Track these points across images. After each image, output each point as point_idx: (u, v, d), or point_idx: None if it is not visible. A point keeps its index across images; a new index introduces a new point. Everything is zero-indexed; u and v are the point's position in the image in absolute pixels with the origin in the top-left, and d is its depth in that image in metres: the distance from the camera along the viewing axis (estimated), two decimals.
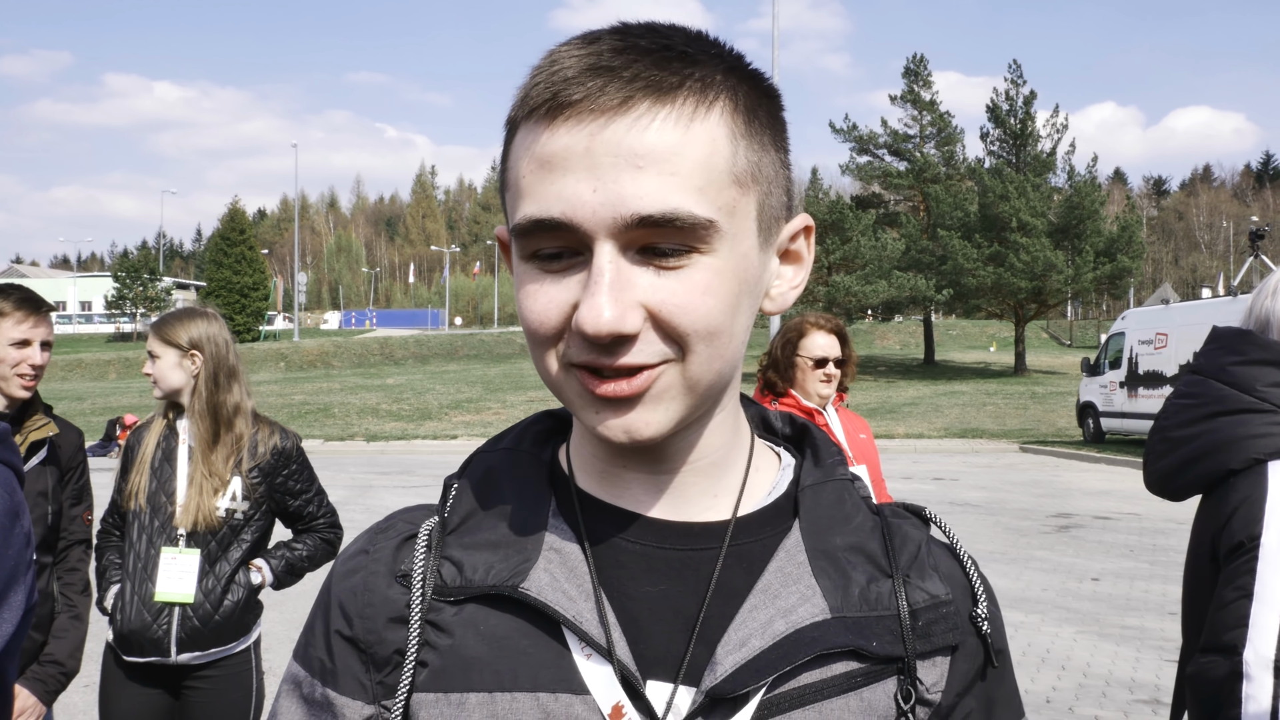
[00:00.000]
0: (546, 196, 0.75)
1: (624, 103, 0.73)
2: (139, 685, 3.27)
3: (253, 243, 74.03)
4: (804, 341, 4.09)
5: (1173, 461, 2.06)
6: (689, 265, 0.75)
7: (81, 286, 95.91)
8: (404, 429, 28.30)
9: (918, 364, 49.77)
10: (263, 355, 55.44)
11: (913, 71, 50.82)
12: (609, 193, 0.73)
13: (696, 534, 0.86)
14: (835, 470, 0.92)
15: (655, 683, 0.82)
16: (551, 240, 0.76)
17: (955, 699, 0.88)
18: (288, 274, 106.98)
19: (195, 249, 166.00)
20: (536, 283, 0.78)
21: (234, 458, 3.29)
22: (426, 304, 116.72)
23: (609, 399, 0.77)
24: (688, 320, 0.75)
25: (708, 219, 0.74)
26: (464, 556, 0.86)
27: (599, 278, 0.73)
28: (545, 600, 0.82)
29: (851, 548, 0.87)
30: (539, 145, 0.75)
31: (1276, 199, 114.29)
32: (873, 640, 0.83)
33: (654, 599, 0.84)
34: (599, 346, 0.75)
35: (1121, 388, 22.79)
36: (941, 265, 44.03)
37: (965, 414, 29.83)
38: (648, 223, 0.73)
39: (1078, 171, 47.35)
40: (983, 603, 0.90)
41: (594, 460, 0.88)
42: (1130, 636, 7.50)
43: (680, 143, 0.74)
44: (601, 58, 0.75)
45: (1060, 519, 13.28)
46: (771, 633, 0.82)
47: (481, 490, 0.90)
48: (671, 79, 0.75)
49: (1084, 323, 73.65)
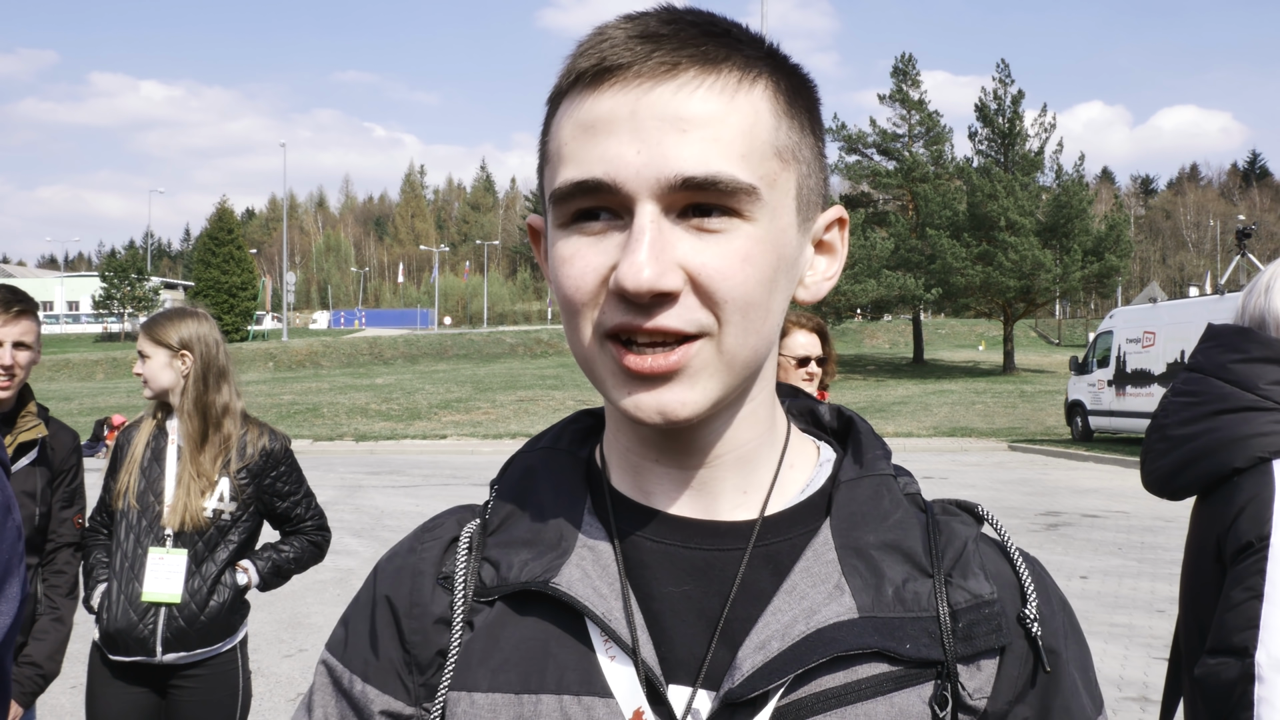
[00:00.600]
0: (589, 159, 0.74)
1: (671, 69, 0.74)
2: (125, 684, 3.26)
3: (241, 242, 73.76)
4: (785, 340, 4.09)
5: (1173, 460, 2.01)
6: (730, 231, 0.75)
7: (69, 286, 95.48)
8: (393, 429, 28.25)
9: (907, 363, 49.88)
10: (251, 355, 55.27)
11: (901, 71, 50.92)
12: (652, 154, 0.73)
13: (723, 533, 0.84)
14: (876, 465, 0.89)
15: (676, 686, 0.81)
16: (591, 202, 0.75)
17: (1006, 706, 0.83)
18: (276, 274, 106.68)
19: (183, 249, 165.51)
20: (573, 247, 0.76)
21: (222, 458, 3.29)
22: (415, 304, 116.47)
23: (643, 375, 0.75)
24: (727, 286, 0.74)
25: (750, 184, 0.74)
26: (501, 556, 0.86)
27: (640, 235, 0.72)
28: (576, 595, 0.81)
29: (887, 545, 0.83)
30: (582, 111, 0.76)
31: (1263, 198, 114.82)
32: (905, 642, 0.79)
33: (677, 600, 0.83)
34: (636, 307, 0.74)
35: (1110, 386, 22.87)
36: (930, 264, 44.13)
37: (954, 413, 29.90)
38: (690, 184, 0.73)
39: (1065, 171, 47.48)
40: (1033, 603, 0.85)
41: (626, 455, 0.87)
42: (1118, 634, 7.53)
43: (725, 110, 0.74)
44: (649, 26, 0.76)
45: (1049, 517, 13.32)
46: (792, 634, 0.79)
47: (519, 491, 0.90)
48: (718, 51, 0.76)
49: (1072, 321, 73.91)
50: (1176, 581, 9.59)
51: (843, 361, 49.55)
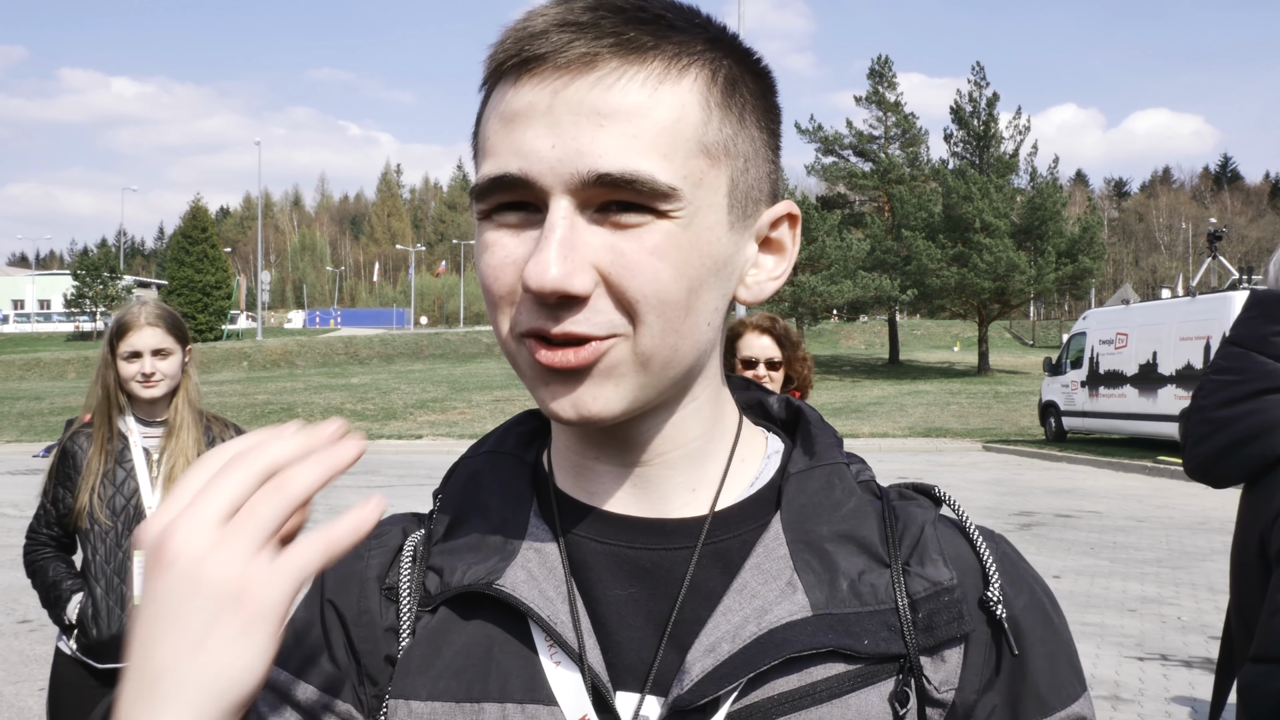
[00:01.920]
0: (505, 152, 0.72)
1: (590, 59, 0.71)
2: (107, 688, 3.20)
3: (215, 241, 73.28)
4: (738, 343, 4.11)
5: (1216, 445, 1.87)
6: (646, 227, 0.71)
7: (40, 285, 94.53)
8: (369, 429, 28.12)
9: (882, 364, 50.07)
10: (225, 354, 54.92)
11: (878, 73, 51.13)
12: (567, 148, 0.70)
13: (670, 532, 0.81)
14: (827, 454, 0.86)
15: (624, 693, 0.78)
16: (508, 196, 0.73)
17: (975, 696, 0.79)
18: (251, 272, 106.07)
19: (157, 247, 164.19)
20: (492, 238, 0.74)
21: (199, 451, 3.27)
22: (391, 303, 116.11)
23: (557, 370, 0.73)
24: (638, 284, 0.71)
25: (669, 185, 0.71)
26: (445, 562, 0.83)
27: (550, 233, 0.70)
28: (520, 597, 0.79)
29: (840, 536, 0.80)
30: (504, 103, 0.73)
31: (1234, 201, 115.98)
32: (863, 638, 0.76)
33: (623, 603, 0.80)
34: (545, 309, 0.71)
35: (1083, 387, 23.04)
36: (906, 265, 44.33)
37: (929, 413, 30.04)
38: (606, 181, 0.70)
39: (1040, 173, 47.86)
40: (995, 584, 0.80)
41: (568, 454, 0.84)
42: (1090, 633, 7.58)
43: (646, 104, 0.71)
44: (571, 13, 0.72)
45: (1022, 517, 13.40)
46: (743, 636, 0.76)
47: (464, 496, 0.87)
48: (644, 39, 0.72)
49: (1046, 323, 74.36)
50: (1148, 581, 9.69)
51: (818, 362, 49.63)
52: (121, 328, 3.24)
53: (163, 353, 3.24)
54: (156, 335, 3.23)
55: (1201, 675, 6.58)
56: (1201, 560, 10.32)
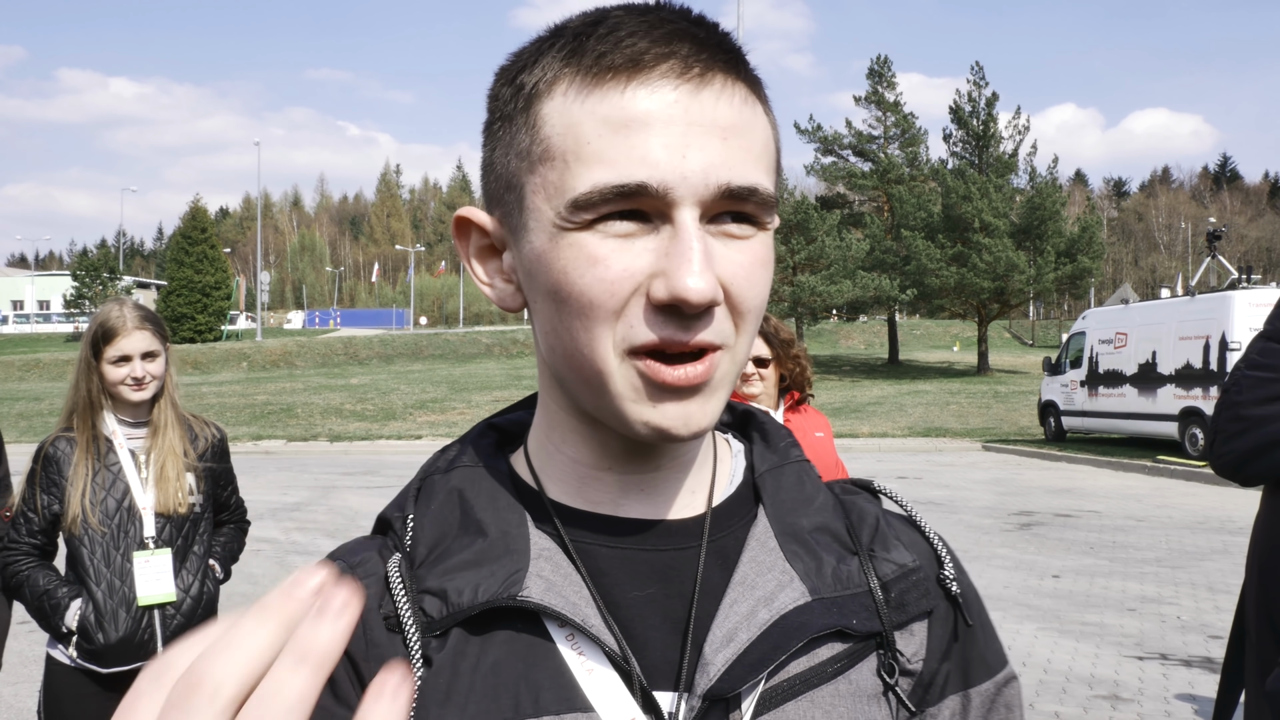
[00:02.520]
0: (626, 160, 0.70)
1: (707, 72, 0.72)
2: (113, 695, 3.19)
3: (215, 241, 73.18)
4: None
5: (1247, 443, 1.83)
6: (750, 239, 0.74)
7: (39, 285, 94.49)
8: (368, 429, 28.12)
9: (882, 364, 50.07)
10: (225, 355, 54.89)
11: (877, 73, 51.14)
12: (698, 160, 0.70)
13: (675, 532, 0.83)
14: (790, 453, 0.91)
15: (659, 693, 0.78)
16: (625, 205, 0.71)
17: (937, 664, 0.87)
18: (250, 273, 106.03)
19: (156, 247, 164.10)
20: (603, 250, 0.72)
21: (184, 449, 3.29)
22: (391, 303, 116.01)
23: (677, 387, 0.73)
24: (750, 295, 0.74)
25: (775, 196, 0.75)
26: (445, 583, 0.79)
27: (690, 244, 0.70)
28: (549, 604, 0.77)
29: (818, 528, 0.86)
30: (612, 107, 0.71)
31: (1233, 200, 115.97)
32: (853, 618, 0.82)
33: (643, 604, 0.80)
34: (679, 321, 0.71)
35: (1082, 387, 23.03)
36: (905, 265, 44.33)
37: (929, 413, 30.04)
38: (731, 194, 0.71)
39: (1039, 173, 47.83)
40: (948, 565, 0.89)
41: (574, 466, 0.84)
42: (1090, 633, 7.58)
43: (751, 121, 0.74)
44: (678, 25, 0.73)
45: (1022, 517, 13.39)
46: (756, 623, 0.78)
47: (446, 514, 0.84)
48: (739, 61, 0.75)
49: (1045, 322, 74.36)
50: (1147, 580, 9.66)
51: (818, 362, 49.69)
52: (108, 332, 3.18)
53: (151, 355, 3.23)
54: (145, 339, 3.21)
55: (1201, 675, 6.58)
56: (1201, 560, 10.32)
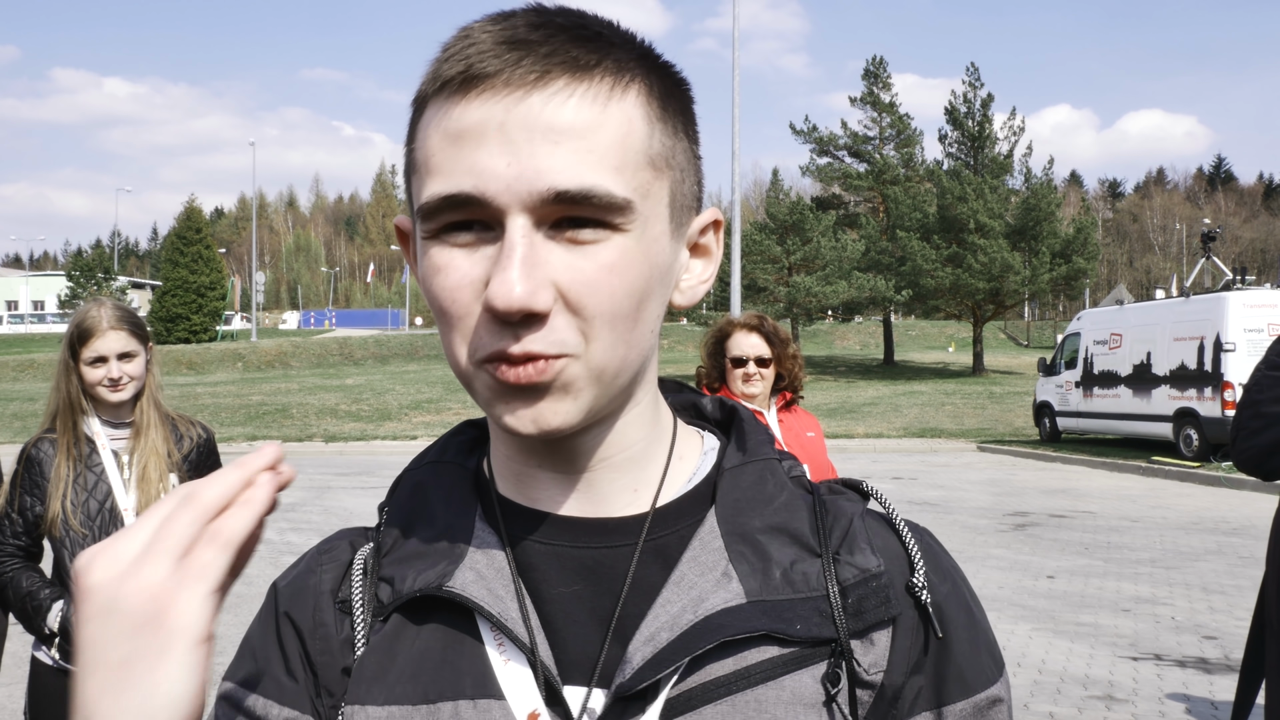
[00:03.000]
0: (457, 171, 0.72)
1: (541, 77, 0.72)
2: None
3: (210, 241, 73.09)
4: (728, 342, 4.11)
5: (1268, 439, 1.88)
6: (602, 243, 0.73)
7: (34, 285, 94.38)
8: (363, 430, 28.10)
9: (877, 364, 50.12)
10: (220, 355, 54.82)
11: (872, 74, 51.21)
12: (524, 166, 0.71)
13: (611, 530, 0.83)
14: (760, 450, 0.89)
15: (571, 687, 0.81)
16: (460, 215, 0.73)
17: (903, 678, 0.83)
18: (245, 273, 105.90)
19: (151, 248, 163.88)
20: (445, 258, 0.74)
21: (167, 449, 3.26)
22: (386, 304, 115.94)
23: (520, 386, 0.74)
24: (595, 301, 0.73)
25: (624, 198, 0.73)
26: (395, 572, 0.84)
27: (511, 251, 0.71)
28: (469, 596, 0.81)
29: (773, 528, 0.84)
30: (450, 120, 0.73)
31: (1228, 201, 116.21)
32: (795, 623, 0.79)
33: (568, 600, 0.82)
34: (506, 329, 0.72)
35: (1077, 387, 23.06)
36: (901, 266, 44.39)
37: (924, 414, 30.08)
38: (564, 198, 0.71)
39: (1034, 174, 47.91)
40: (921, 571, 0.85)
41: (509, 463, 0.86)
42: (1085, 633, 7.59)
43: (598, 120, 0.72)
44: (518, 31, 0.73)
45: (1017, 517, 13.42)
46: (680, 624, 0.78)
47: (409, 507, 0.89)
48: (589, 57, 0.74)
49: (1041, 323, 74.48)
50: (1141, 581, 9.67)
51: (813, 363, 49.72)
52: (84, 333, 3.16)
53: (128, 356, 3.19)
54: (121, 339, 3.17)
55: (1195, 675, 6.59)
56: (1195, 560, 10.33)
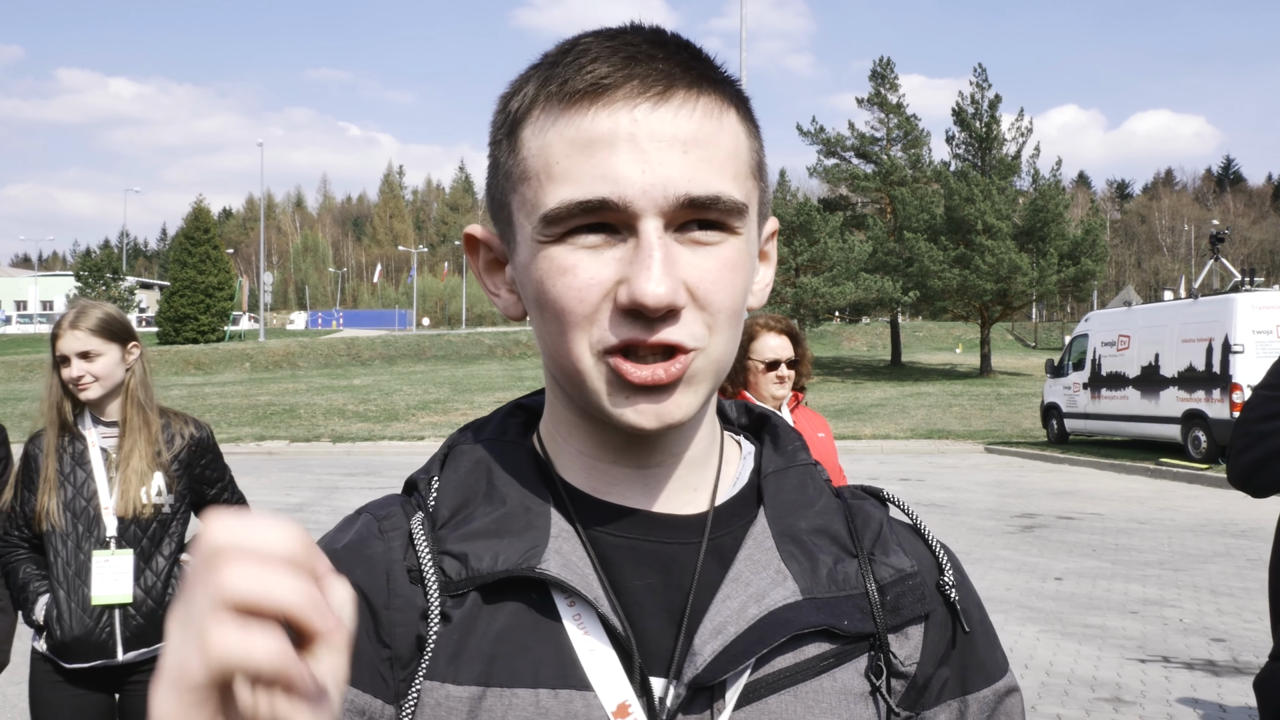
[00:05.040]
0: (590, 178, 0.76)
1: (666, 90, 0.77)
2: (80, 690, 3.25)
3: (217, 242, 73.19)
4: (754, 344, 4.06)
5: (1257, 455, 1.95)
6: (720, 244, 0.79)
7: (43, 286, 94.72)
8: (371, 430, 28.13)
9: (884, 365, 50.05)
10: (228, 355, 54.93)
11: (879, 75, 51.12)
12: (657, 174, 0.76)
13: (677, 527, 0.87)
14: (797, 456, 0.95)
15: (652, 678, 0.82)
16: (592, 219, 0.77)
17: (932, 669, 0.90)
18: (253, 274, 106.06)
19: (160, 248, 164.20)
20: (572, 259, 0.78)
21: (152, 450, 3.27)
22: (394, 304, 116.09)
23: (646, 386, 0.78)
24: (720, 298, 0.79)
25: (742, 202, 0.79)
26: (466, 548, 0.84)
27: (650, 252, 0.75)
28: (565, 579, 0.81)
29: (817, 530, 0.89)
30: (577, 129, 0.77)
31: (1237, 202, 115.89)
32: (844, 619, 0.85)
33: (642, 593, 0.85)
34: (643, 323, 0.76)
35: (1085, 389, 23.01)
36: (908, 267, 44.30)
37: (931, 415, 30.02)
38: (694, 204, 0.77)
39: (1042, 175, 47.78)
40: (948, 571, 0.93)
41: (580, 457, 0.88)
42: (1092, 635, 7.57)
43: (716, 131, 0.79)
44: (640, 49, 0.78)
45: (1024, 519, 13.39)
46: (746, 618, 0.82)
47: (472, 481, 0.88)
48: (703, 75, 0.80)
49: (1048, 325, 74.29)
50: (1149, 583, 9.65)
51: (821, 364, 49.65)
52: (53, 334, 3.27)
53: (89, 355, 3.22)
54: (80, 338, 3.22)
55: (1203, 677, 6.58)
56: (1203, 563, 10.30)
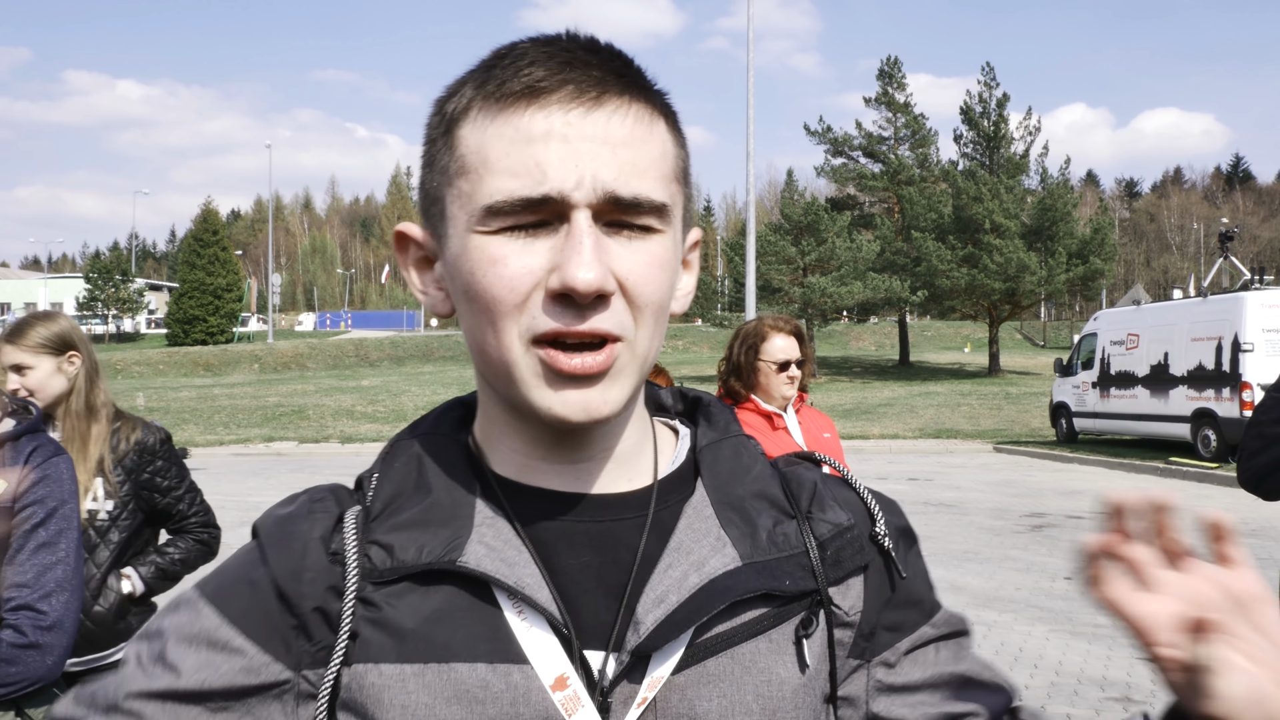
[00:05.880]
0: (526, 171, 0.80)
1: (600, 96, 0.82)
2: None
3: (226, 244, 73.46)
4: (765, 345, 4.06)
5: (1266, 460, 1.95)
6: (647, 241, 0.84)
7: (53, 288, 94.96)
8: (379, 431, 28.17)
9: (893, 365, 50.00)
10: (237, 357, 55.08)
11: (887, 74, 51.11)
12: (587, 169, 0.80)
13: (613, 505, 0.90)
14: (730, 428, 0.99)
15: (590, 651, 0.86)
16: (528, 215, 0.81)
17: (876, 614, 0.95)
18: (262, 275, 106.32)
19: (168, 250, 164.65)
20: (503, 250, 0.82)
21: (95, 458, 3.20)
22: (402, 305, 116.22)
23: (574, 375, 0.81)
24: (648, 290, 0.83)
25: (664, 202, 0.84)
26: (393, 539, 0.87)
27: (581, 239, 0.79)
28: (485, 570, 0.84)
29: (755, 495, 0.93)
30: (515, 128, 0.81)
31: (1246, 201, 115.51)
32: (785, 579, 0.89)
33: (578, 571, 0.88)
34: (574, 310, 0.80)
35: (1094, 388, 22.96)
36: (916, 267, 44.28)
37: (940, 415, 29.99)
38: (618, 203, 0.81)
39: (1050, 174, 47.70)
40: (880, 522, 0.97)
41: (512, 454, 0.91)
42: (1102, 635, 7.55)
43: (645, 136, 0.84)
44: (574, 54, 0.83)
45: (1033, 518, 13.36)
46: (687, 586, 0.86)
47: (404, 475, 0.92)
48: (633, 83, 0.85)
49: (1057, 324, 74.19)
50: None
51: (829, 363, 49.65)
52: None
53: (21, 369, 3.16)
54: (11, 353, 3.18)
55: None
56: None
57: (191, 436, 28.98)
